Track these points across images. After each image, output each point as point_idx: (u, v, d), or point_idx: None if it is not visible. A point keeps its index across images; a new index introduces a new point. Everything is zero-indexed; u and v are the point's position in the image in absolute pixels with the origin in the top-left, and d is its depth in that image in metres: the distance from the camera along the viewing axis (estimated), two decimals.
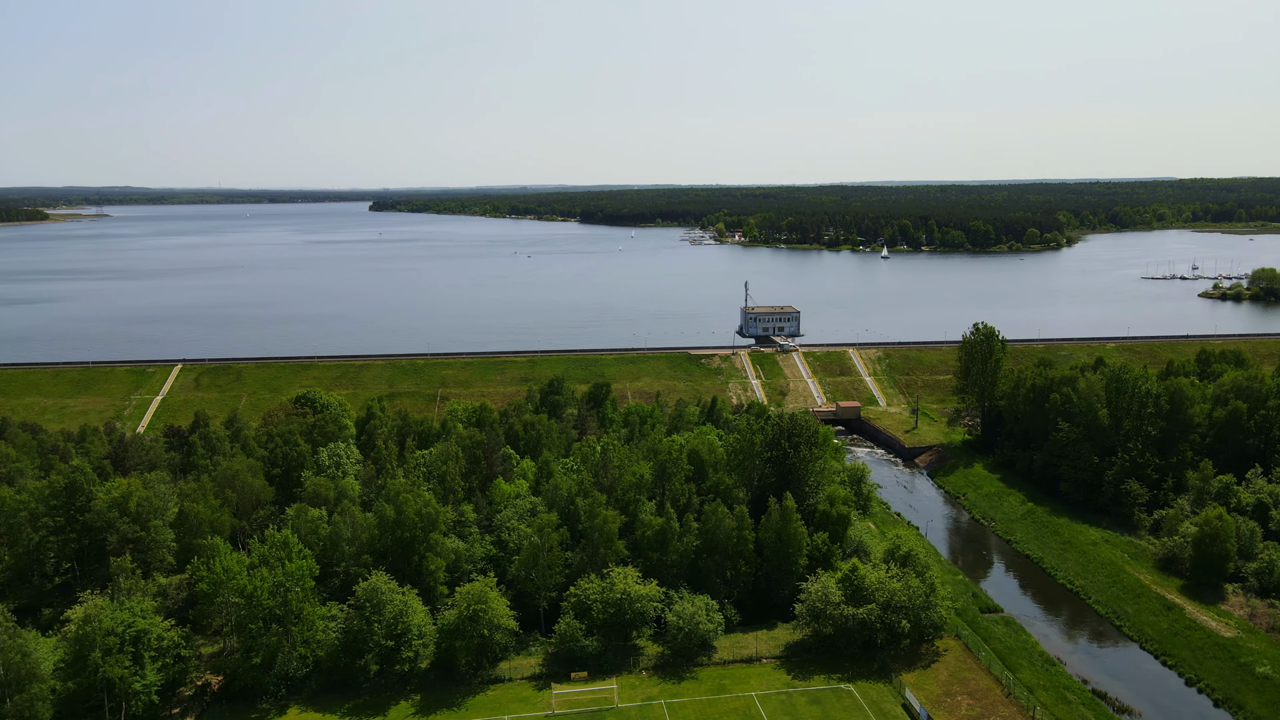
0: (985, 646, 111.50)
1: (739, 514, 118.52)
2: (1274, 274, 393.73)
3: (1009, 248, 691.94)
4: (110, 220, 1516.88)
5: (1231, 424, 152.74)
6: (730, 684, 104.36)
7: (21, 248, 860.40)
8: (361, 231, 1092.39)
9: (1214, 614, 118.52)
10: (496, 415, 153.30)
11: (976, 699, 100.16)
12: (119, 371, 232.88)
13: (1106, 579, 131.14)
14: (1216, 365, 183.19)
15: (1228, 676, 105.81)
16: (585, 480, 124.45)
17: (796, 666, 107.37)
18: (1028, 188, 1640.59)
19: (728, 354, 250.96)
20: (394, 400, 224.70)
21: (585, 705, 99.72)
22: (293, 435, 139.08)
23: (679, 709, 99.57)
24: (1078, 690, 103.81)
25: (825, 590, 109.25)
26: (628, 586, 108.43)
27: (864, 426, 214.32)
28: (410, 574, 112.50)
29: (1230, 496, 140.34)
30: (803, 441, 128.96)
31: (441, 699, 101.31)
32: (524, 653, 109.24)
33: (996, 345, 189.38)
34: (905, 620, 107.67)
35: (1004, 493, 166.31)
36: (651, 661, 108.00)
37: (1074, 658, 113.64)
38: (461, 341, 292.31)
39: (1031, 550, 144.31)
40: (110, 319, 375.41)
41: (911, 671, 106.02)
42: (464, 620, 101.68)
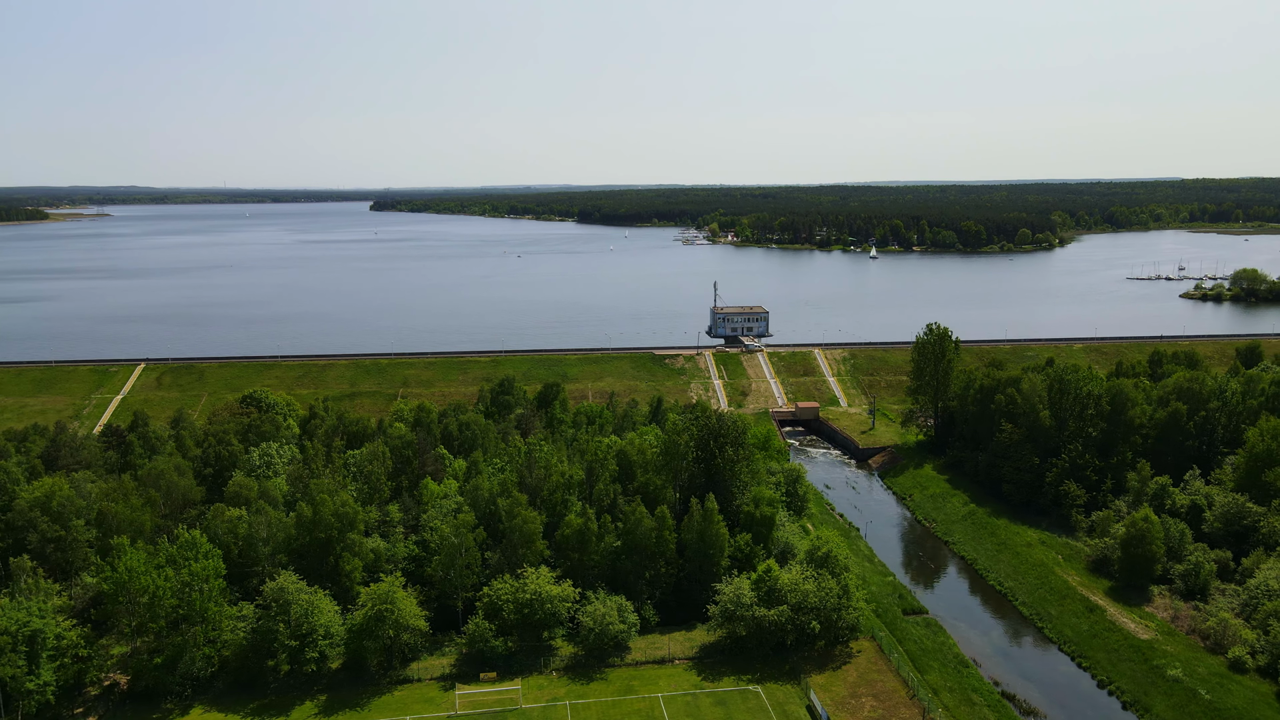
0: (899, 648, 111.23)
1: (660, 514, 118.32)
2: (1255, 275, 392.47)
3: (1000, 248, 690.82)
4: (110, 220, 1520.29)
5: (1172, 425, 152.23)
6: (639, 685, 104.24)
7: (15, 247, 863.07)
8: (357, 231, 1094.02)
9: (1136, 616, 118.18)
10: (435, 415, 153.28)
11: (880, 700, 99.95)
12: (81, 371, 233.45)
13: (1035, 580, 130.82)
14: (1168, 366, 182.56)
15: (1139, 679, 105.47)
16: (508, 480, 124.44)
17: (708, 668, 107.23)
18: (1028, 188, 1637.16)
19: (692, 354, 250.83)
20: (354, 400, 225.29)
21: (489, 706, 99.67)
22: (226, 435, 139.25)
23: (583, 710, 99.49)
24: (986, 692, 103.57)
25: (738, 592, 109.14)
26: (540, 587, 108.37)
27: (822, 427, 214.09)
28: (327, 574, 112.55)
29: (1165, 498, 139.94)
30: (728, 442, 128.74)
31: (347, 699, 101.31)
32: (437, 653, 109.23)
33: (949, 346, 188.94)
34: (816, 622, 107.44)
35: (949, 494, 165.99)
36: (564, 662, 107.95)
37: (991, 660, 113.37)
38: (432, 341, 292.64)
39: (967, 551, 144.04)
40: (86, 318, 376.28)
41: (822, 673, 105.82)
42: (370, 620, 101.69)
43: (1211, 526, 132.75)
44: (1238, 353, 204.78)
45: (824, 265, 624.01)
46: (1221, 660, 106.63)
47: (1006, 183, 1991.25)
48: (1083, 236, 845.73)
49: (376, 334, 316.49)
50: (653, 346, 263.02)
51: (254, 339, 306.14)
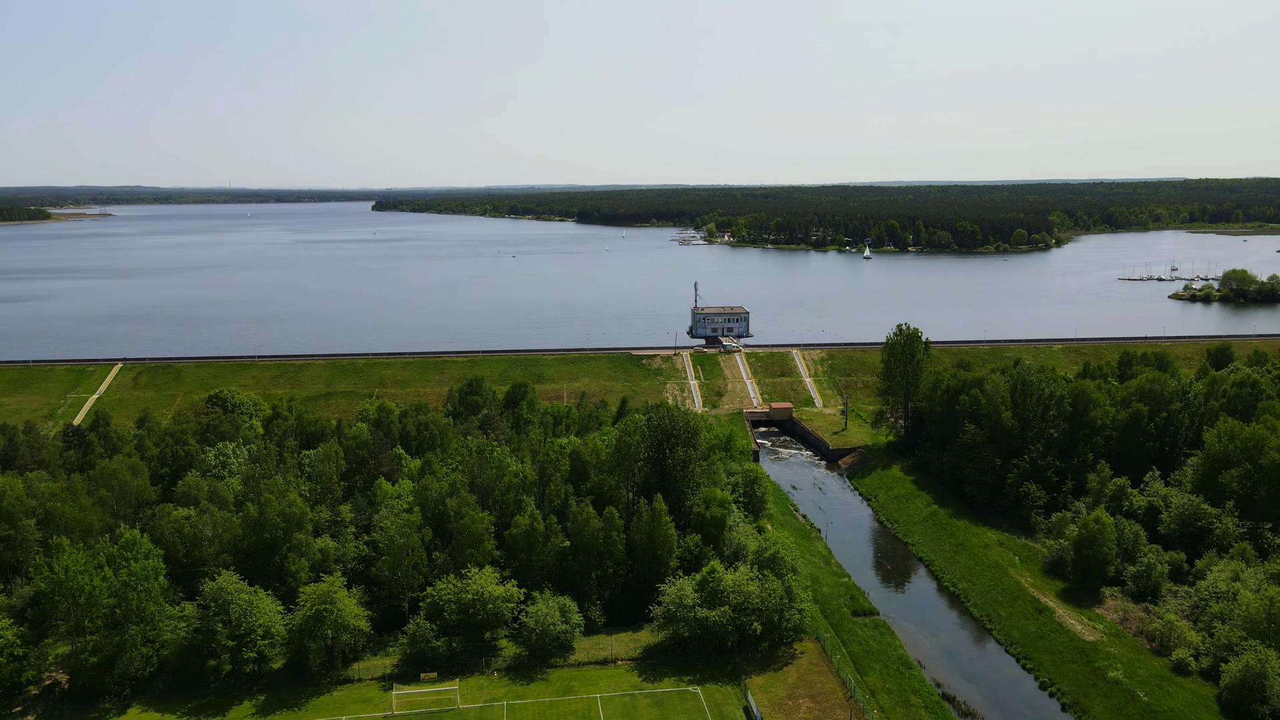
0: (843, 649, 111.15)
1: (608, 515, 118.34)
2: (1244, 275, 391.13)
3: (996, 249, 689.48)
4: (112, 220, 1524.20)
5: (1133, 427, 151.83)
6: (579, 686, 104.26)
7: (15, 247, 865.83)
8: (356, 231, 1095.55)
9: (1085, 618, 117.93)
10: (395, 416, 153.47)
11: (817, 702, 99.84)
12: (59, 370, 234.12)
13: (989, 582, 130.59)
14: (1137, 367, 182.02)
15: (1080, 681, 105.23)
16: (458, 480, 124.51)
17: (651, 669, 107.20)
18: (1029, 188, 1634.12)
19: (669, 355, 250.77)
20: (329, 400, 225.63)
21: (427, 706, 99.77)
22: (183, 435, 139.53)
23: (519, 710, 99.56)
24: (926, 694, 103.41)
25: (681, 593, 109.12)
26: (482, 587, 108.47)
27: (795, 427, 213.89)
28: (273, 574, 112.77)
29: (1124, 499, 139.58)
30: (679, 443, 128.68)
31: (286, 699, 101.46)
32: (381, 653, 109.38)
33: (919, 346, 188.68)
34: (758, 623, 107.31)
35: (913, 495, 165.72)
36: (507, 663, 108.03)
37: (937, 661, 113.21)
38: (412, 341, 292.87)
39: (925, 553, 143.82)
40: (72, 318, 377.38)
41: (763, 674, 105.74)
42: (309, 621, 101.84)
43: (1168, 528, 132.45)
44: (1209, 354, 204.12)
45: (817, 266, 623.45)
46: (1166, 662, 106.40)
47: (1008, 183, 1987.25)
48: (1081, 237, 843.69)
49: (357, 334, 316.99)
50: (630, 347, 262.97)
51: (237, 339, 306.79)
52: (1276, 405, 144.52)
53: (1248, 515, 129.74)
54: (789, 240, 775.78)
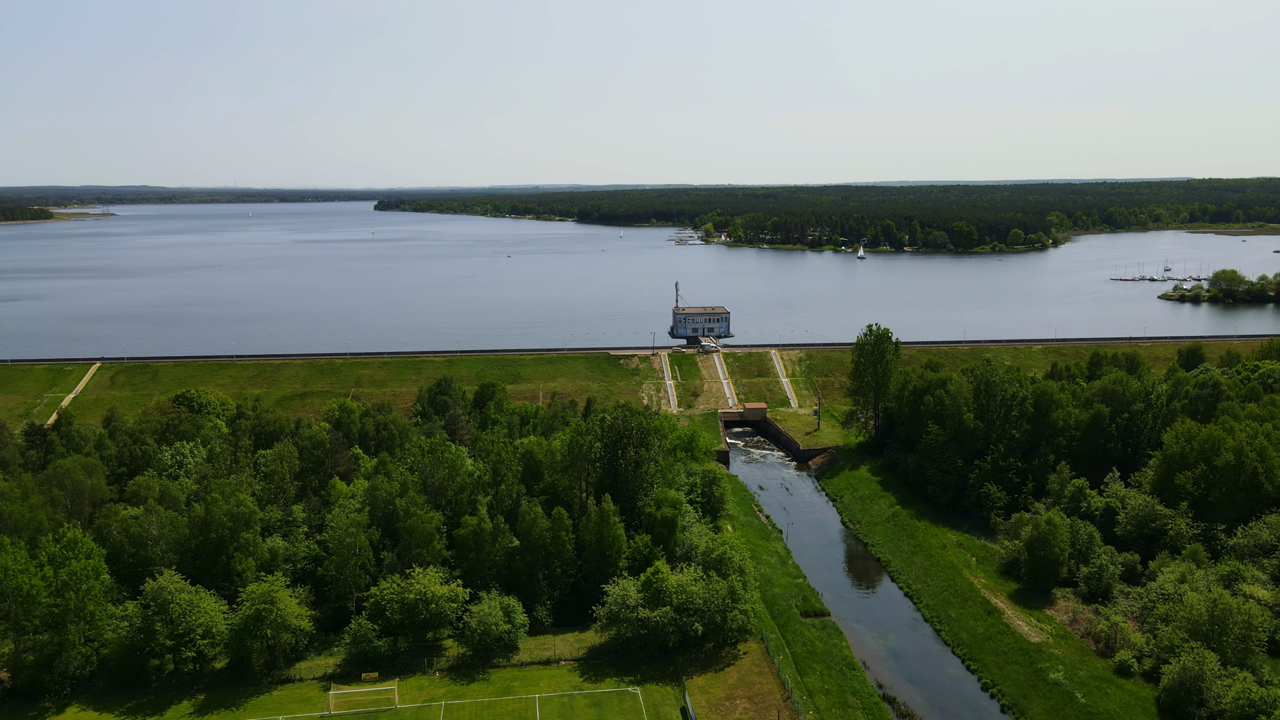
0: (787, 650, 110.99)
1: (557, 515, 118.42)
2: (1234, 276, 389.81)
3: (992, 249, 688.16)
4: (114, 219, 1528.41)
5: (1095, 428, 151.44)
6: (519, 686, 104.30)
7: (14, 246, 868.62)
8: (355, 231, 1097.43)
9: (1034, 619, 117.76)
10: (357, 415, 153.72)
11: (754, 703, 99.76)
12: (37, 370, 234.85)
13: (943, 583, 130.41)
14: (1106, 367, 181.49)
15: (1022, 682, 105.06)
16: (409, 480, 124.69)
17: (593, 669, 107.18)
18: (1031, 188, 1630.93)
19: (647, 355, 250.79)
20: (305, 399, 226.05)
21: (365, 706, 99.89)
22: (142, 434, 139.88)
23: (457, 710, 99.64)
24: (866, 695, 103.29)
25: (624, 593, 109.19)
26: (425, 587, 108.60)
27: (768, 428, 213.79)
28: (219, 573, 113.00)
29: (1082, 500, 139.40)
30: (632, 443, 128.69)
31: (225, 699, 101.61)
32: (325, 653, 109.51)
33: (889, 347, 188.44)
34: (699, 623, 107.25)
35: (878, 495, 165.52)
36: (450, 663, 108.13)
37: (883, 662, 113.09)
38: (395, 341, 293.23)
39: (883, 554, 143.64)
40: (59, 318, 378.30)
41: (704, 674, 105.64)
42: (249, 620, 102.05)
43: (1124, 529, 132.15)
44: (1180, 355, 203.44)
45: (809, 266, 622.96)
46: (1109, 664, 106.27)
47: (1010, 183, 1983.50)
48: (1079, 237, 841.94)
49: (341, 334, 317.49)
50: (608, 347, 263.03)
51: (220, 339, 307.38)
52: (1235, 406, 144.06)
53: (1202, 517, 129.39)
54: (785, 240, 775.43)
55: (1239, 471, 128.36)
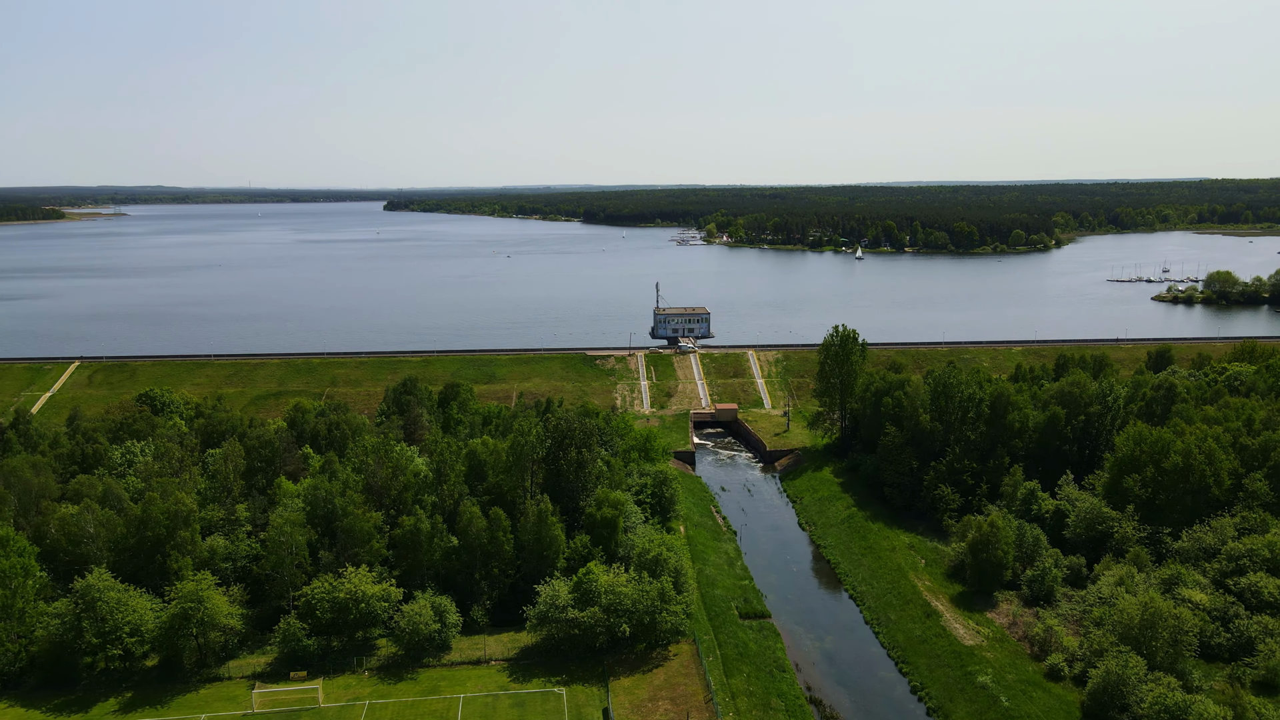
0: (718, 652, 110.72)
1: (494, 515, 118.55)
2: (1228, 277, 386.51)
3: (993, 249, 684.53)
4: (125, 219, 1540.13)
5: (1050, 430, 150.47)
6: (446, 686, 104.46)
7: (23, 245, 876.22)
8: (361, 231, 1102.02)
9: (973, 622, 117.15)
10: (311, 415, 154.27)
11: (676, 704, 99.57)
12: (16, 368, 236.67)
13: (887, 585, 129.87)
14: (1073, 369, 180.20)
15: (949, 685, 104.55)
16: (350, 479, 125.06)
17: (523, 669, 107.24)
18: (1040, 189, 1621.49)
19: (624, 355, 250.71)
20: (280, 399, 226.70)
21: (290, 705, 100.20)
22: (94, 433, 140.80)
23: (379, 709, 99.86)
24: (791, 697, 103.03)
25: (554, 594, 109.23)
26: (356, 586, 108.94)
27: (739, 429, 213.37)
28: (155, 571, 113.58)
29: (1033, 503, 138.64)
30: (574, 444, 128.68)
31: (152, 696, 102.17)
32: (258, 651, 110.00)
33: (854, 348, 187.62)
34: (626, 624, 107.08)
35: (837, 497, 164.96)
36: (381, 662, 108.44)
37: (817, 665, 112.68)
38: (379, 341, 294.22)
39: (834, 555, 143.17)
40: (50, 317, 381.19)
41: (632, 675, 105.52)
42: (174, 619, 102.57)
43: (1074, 532, 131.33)
44: (1149, 356, 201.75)
45: (807, 266, 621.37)
46: (1041, 667, 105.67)
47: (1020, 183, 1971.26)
48: (1084, 238, 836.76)
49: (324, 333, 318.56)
50: (586, 347, 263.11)
51: (204, 338, 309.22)
52: (1189, 409, 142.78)
53: (1150, 520, 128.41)
54: (786, 241, 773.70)
55: (1187, 474, 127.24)
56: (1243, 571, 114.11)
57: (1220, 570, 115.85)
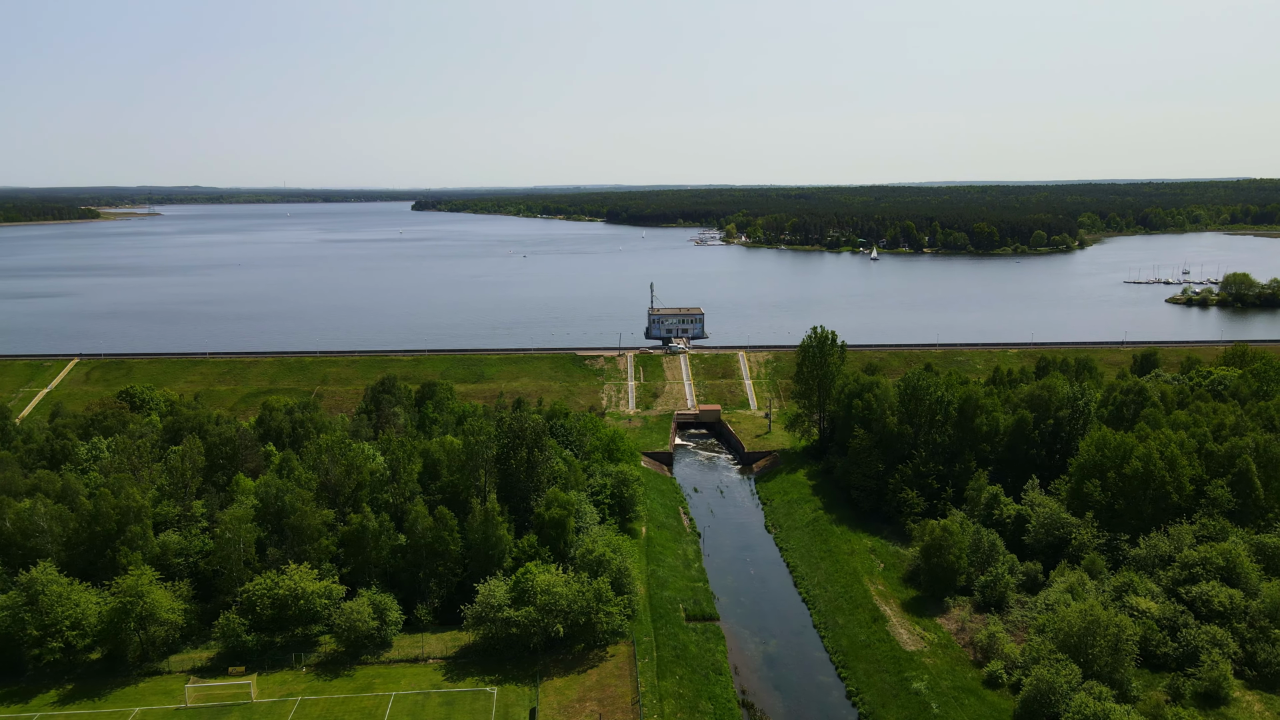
0: (655, 653, 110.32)
1: (440, 514, 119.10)
2: (1245, 279, 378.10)
3: (1014, 250, 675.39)
4: (158, 219, 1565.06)
5: (1018, 433, 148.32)
6: (380, 683, 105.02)
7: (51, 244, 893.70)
8: (385, 231, 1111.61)
9: (920, 627, 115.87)
10: (282, 413, 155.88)
11: (603, 705, 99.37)
12: (17, 365, 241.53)
13: (840, 589, 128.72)
14: (1053, 372, 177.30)
15: (885, 691, 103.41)
16: (305, 477, 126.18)
17: (459, 668, 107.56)
18: (1072, 189, 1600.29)
19: (613, 355, 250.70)
20: (270, 396, 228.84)
21: (223, 700, 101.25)
22: (64, 428, 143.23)
23: (310, 705, 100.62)
24: (722, 700, 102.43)
25: (491, 593, 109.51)
26: (297, 583, 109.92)
27: (722, 430, 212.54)
28: (105, 566, 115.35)
29: (995, 507, 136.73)
30: (524, 444, 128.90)
31: (92, 689, 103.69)
32: (202, 646, 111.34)
33: (832, 350, 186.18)
34: (560, 624, 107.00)
35: (806, 500, 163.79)
36: (320, 659, 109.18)
37: (757, 668, 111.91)
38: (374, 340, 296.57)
39: (793, 558, 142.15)
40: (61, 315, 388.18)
41: (566, 676, 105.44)
42: (113, 613, 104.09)
43: (1034, 537, 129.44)
44: (1134, 360, 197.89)
45: (821, 267, 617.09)
46: (981, 674, 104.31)
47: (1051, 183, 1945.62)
48: (1110, 239, 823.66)
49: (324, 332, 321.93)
50: (577, 348, 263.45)
51: (208, 336, 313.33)
52: (1157, 414, 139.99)
53: (1110, 526, 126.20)
54: (804, 241, 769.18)
55: (1147, 481, 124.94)
56: (1195, 580, 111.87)
57: (1173, 578, 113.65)
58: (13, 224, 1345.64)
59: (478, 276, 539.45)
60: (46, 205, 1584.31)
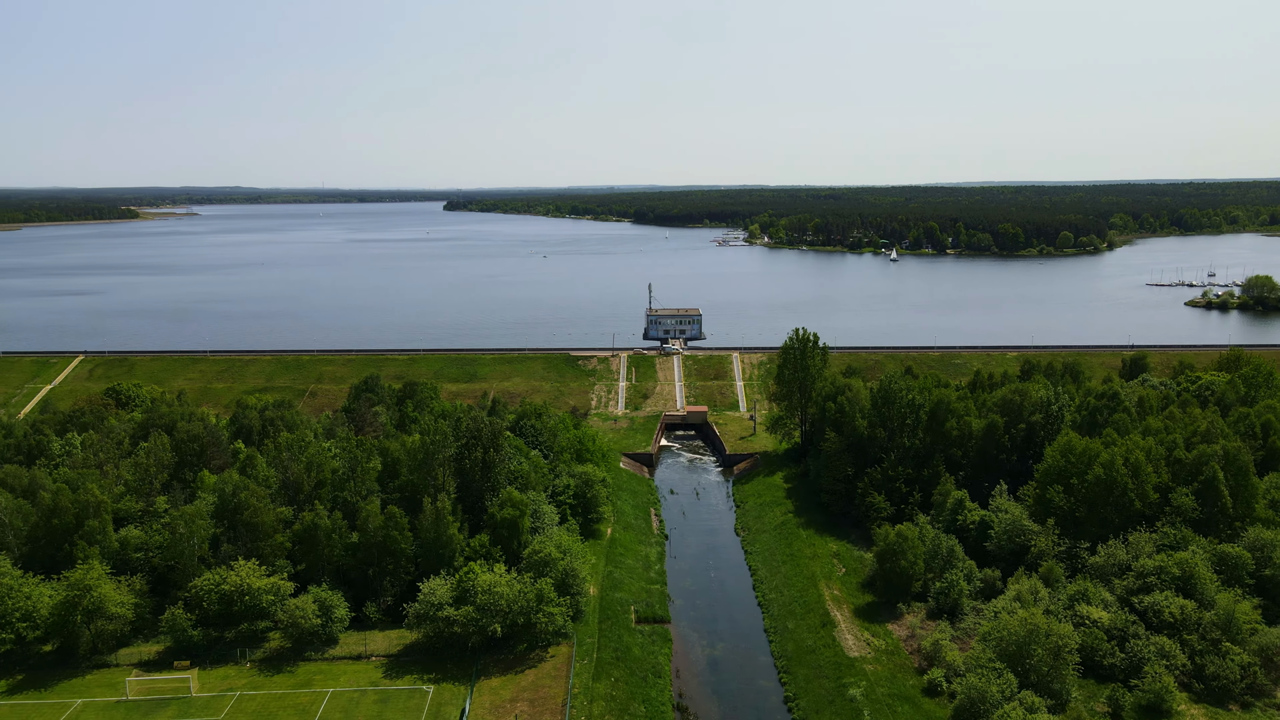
0: (595, 655, 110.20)
1: (390, 513, 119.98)
2: (1268, 282, 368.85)
3: (1039, 252, 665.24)
4: (195, 219, 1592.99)
5: (988, 438, 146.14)
6: (320, 679, 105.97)
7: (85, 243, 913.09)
8: (412, 231, 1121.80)
9: (868, 633, 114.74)
10: (255, 410, 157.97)
11: (534, 706, 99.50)
12: (24, 361, 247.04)
13: (795, 594, 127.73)
14: (1036, 376, 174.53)
15: (820, 697, 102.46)
16: (264, 474, 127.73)
17: (401, 666, 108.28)
18: (1107, 189, 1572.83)
19: (606, 356, 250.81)
20: (265, 394, 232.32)
21: (164, 693, 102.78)
22: (42, 424, 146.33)
23: (247, 700, 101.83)
24: (655, 704, 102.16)
25: (433, 591, 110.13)
26: (243, 579, 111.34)
27: (708, 431, 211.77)
28: (64, 561, 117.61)
29: (959, 513, 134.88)
30: (479, 444, 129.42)
31: (40, 680, 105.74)
32: (153, 640, 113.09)
33: (814, 351, 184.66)
34: (498, 624, 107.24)
35: (779, 503, 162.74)
36: (266, 654, 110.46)
37: (700, 672, 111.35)
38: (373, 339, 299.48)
39: (754, 562, 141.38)
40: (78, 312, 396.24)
41: (504, 676, 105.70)
42: (61, 605, 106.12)
43: (995, 544, 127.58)
44: (1123, 363, 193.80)
45: (840, 268, 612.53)
46: (921, 682, 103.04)
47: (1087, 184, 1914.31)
48: (1142, 240, 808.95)
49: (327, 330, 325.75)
50: (572, 348, 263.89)
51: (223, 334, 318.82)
52: (1127, 419, 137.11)
53: (1071, 533, 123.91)
54: (826, 242, 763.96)
55: (1110, 488, 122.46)
56: (1150, 590, 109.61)
57: (1128, 588, 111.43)
58: (55, 224, 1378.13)
59: (493, 276, 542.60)
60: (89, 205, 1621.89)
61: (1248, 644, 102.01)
